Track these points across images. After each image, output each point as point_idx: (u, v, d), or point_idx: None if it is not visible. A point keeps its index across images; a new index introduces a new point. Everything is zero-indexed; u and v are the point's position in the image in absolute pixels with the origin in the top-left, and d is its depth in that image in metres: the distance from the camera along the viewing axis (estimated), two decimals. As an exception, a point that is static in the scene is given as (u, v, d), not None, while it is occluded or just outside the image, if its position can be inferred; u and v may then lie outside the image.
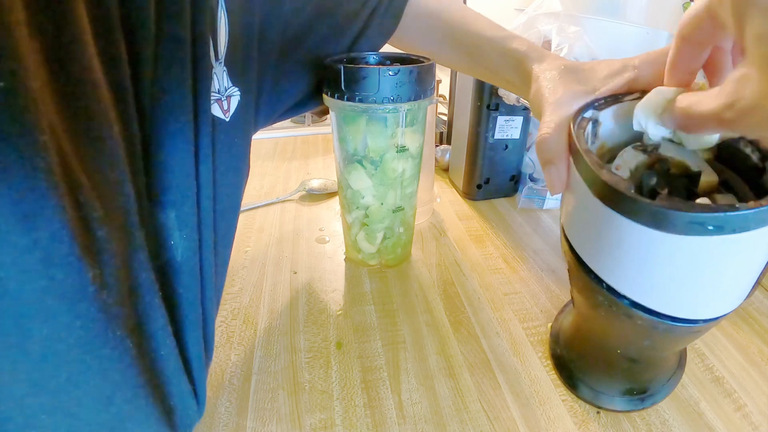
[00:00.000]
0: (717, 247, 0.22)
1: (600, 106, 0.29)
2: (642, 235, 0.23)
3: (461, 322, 0.44)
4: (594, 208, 0.25)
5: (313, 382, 0.38)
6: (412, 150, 0.46)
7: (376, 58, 0.46)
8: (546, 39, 0.59)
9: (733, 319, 0.44)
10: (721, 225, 0.21)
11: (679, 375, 0.36)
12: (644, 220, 0.22)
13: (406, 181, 0.47)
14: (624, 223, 0.23)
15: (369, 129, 0.43)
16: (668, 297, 0.25)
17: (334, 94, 0.41)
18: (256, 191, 0.72)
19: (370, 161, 0.45)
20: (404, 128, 0.43)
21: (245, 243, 0.57)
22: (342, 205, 0.50)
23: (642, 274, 0.25)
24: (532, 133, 0.67)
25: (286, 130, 1.04)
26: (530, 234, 0.60)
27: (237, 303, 0.47)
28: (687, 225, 0.21)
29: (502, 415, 0.35)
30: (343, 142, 0.45)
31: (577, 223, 0.29)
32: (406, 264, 0.53)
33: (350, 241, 0.52)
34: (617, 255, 0.25)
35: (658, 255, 0.23)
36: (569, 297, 0.48)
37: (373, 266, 0.53)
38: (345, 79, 0.40)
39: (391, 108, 0.41)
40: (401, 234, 0.51)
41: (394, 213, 0.48)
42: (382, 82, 0.39)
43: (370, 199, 0.47)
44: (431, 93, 0.44)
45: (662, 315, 0.26)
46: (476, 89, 0.60)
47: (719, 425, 0.34)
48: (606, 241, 0.25)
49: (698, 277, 0.24)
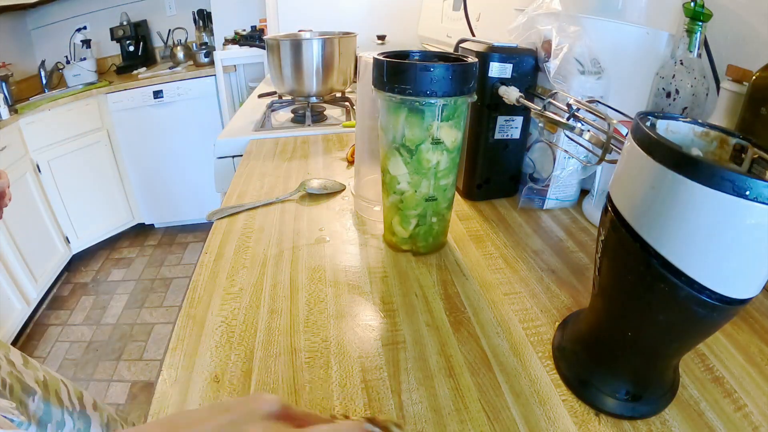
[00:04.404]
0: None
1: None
2: (716, 203, 0.24)
3: (461, 322, 0.44)
4: (663, 179, 0.26)
5: (313, 382, 0.38)
6: (447, 144, 0.48)
7: (423, 56, 0.51)
8: (546, 39, 0.59)
9: (733, 319, 0.44)
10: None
11: (670, 397, 0.36)
12: (724, 187, 0.23)
13: (440, 173, 0.49)
14: (699, 192, 0.24)
15: (407, 120, 0.46)
16: (727, 273, 0.26)
17: (379, 85, 0.46)
18: (256, 191, 0.72)
19: (406, 150, 0.48)
20: (440, 122, 0.46)
21: (245, 243, 0.57)
22: (382, 188, 0.54)
23: (707, 247, 0.26)
24: (532, 133, 0.67)
25: (286, 130, 1.04)
26: (530, 234, 0.60)
27: (237, 303, 0.47)
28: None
29: (502, 415, 0.35)
30: (385, 130, 0.49)
31: (634, 196, 0.29)
32: (406, 264, 0.53)
33: (387, 224, 0.55)
34: (682, 226, 0.26)
35: (731, 225, 0.24)
36: (569, 297, 0.48)
37: (405, 251, 0.55)
38: (388, 72, 0.45)
39: (426, 101, 0.44)
40: (434, 223, 0.53)
41: (426, 202, 0.51)
42: (419, 77, 0.43)
43: (405, 186, 0.50)
44: (469, 91, 0.47)
45: (712, 292, 0.26)
46: (476, 89, 0.60)
47: (719, 425, 0.34)
48: (672, 211, 0.26)
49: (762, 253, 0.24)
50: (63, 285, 2.10)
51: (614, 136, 0.45)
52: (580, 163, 0.58)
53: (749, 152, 0.30)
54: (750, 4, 0.59)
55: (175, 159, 2.35)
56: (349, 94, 1.25)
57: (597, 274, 0.35)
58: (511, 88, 0.58)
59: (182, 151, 2.33)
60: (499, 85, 0.59)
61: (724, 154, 0.32)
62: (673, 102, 0.57)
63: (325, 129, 1.04)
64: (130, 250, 2.37)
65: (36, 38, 2.36)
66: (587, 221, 0.63)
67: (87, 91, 2.05)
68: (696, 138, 0.33)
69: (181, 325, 0.44)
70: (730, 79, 0.52)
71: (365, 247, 0.57)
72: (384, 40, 1.53)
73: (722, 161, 0.32)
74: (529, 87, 0.62)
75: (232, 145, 1.00)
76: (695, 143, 0.33)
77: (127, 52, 2.45)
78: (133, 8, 2.44)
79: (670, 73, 0.57)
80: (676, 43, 0.59)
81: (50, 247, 2.00)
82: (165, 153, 2.32)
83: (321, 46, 1.06)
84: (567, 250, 0.56)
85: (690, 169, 0.24)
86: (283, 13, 1.63)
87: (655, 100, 0.60)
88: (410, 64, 0.44)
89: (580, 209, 0.66)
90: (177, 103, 2.23)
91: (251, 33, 2.26)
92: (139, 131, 2.25)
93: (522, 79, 0.61)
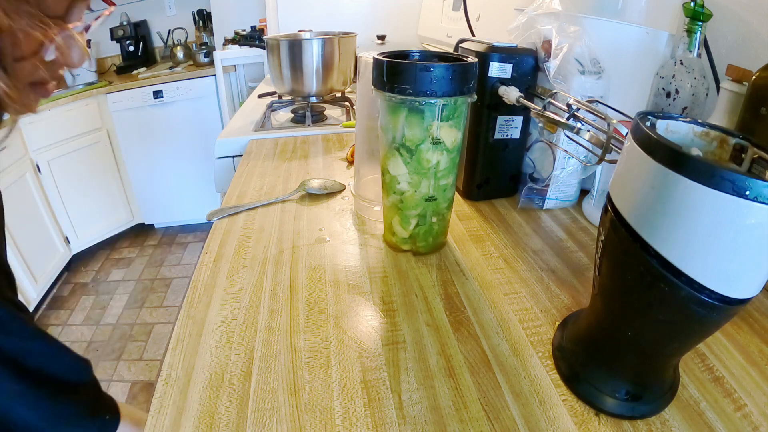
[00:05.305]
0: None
1: None
2: (716, 203, 0.24)
3: (461, 322, 0.44)
4: (663, 179, 0.26)
5: (313, 382, 0.38)
6: (447, 144, 0.48)
7: (423, 56, 0.51)
8: (546, 39, 0.59)
9: (733, 319, 0.44)
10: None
11: (670, 397, 0.36)
12: (724, 187, 0.23)
13: (440, 173, 0.49)
14: (699, 192, 0.24)
15: (407, 120, 0.46)
16: (727, 273, 0.26)
17: (379, 85, 0.46)
18: (256, 191, 0.72)
19: (406, 150, 0.48)
20: (440, 122, 0.46)
21: (245, 243, 0.57)
22: (382, 188, 0.54)
23: (707, 247, 0.26)
24: (532, 133, 0.67)
25: (286, 130, 1.04)
26: (530, 234, 0.60)
27: (237, 303, 0.47)
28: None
29: (502, 415, 0.35)
30: (385, 130, 0.49)
31: (634, 196, 0.29)
32: (406, 264, 0.53)
33: (387, 224, 0.55)
34: (682, 226, 0.26)
35: (731, 225, 0.24)
36: (569, 297, 0.48)
37: (405, 251, 0.55)
38: (387, 72, 0.45)
39: (425, 101, 0.44)
40: (434, 223, 0.53)
41: (426, 202, 0.51)
42: (419, 77, 0.43)
43: (405, 186, 0.50)
44: (469, 91, 0.47)
45: (712, 292, 0.26)
46: (476, 89, 0.60)
47: (719, 425, 0.34)
48: (671, 211, 0.26)
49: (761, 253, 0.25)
50: (63, 285, 2.10)
51: (614, 136, 0.45)
52: (580, 163, 0.58)
53: (749, 152, 0.30)
54: (750, 4, 0.59)
55: (175, 159, 2.35)
56: (349, 94, 1.25)
57: (597, 274, 0.35)
58: (511, 88, 0.58)
59: (182, 151, 2.33)
60: (499, 85, 0.59)
61: (724, 154, 0.32)
62: (673, 102, 0.57)
63: (325, 129, 1.04)
64: (130, 250, 2.37)
65: (36, 38, 2.36)
66: (587, 221, 0.63)
67: (87, 91, 2.05)
68: (696, 138, 0.33)
69: (181, 325, 0.44)
70: (730, 79, 0.52)
71: (365, 247, 0.57)
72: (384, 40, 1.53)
73: (722, 161, 0.32)
74: (529, 87, 0.62)
75: (232, 145, 1.00)
76: (695, 143, 0.33)
77: (127, 52, 2.45)
78: (133, 8, 2.44)
79: (670, 73, 0.57)
80: (676, 43, 0.59)
81: (50, 247, 2.00)
82: (165, 153, 2.32)
83: (321, 46, 1.06)
84: (567, 250, 0.56)
85: (690, 169, 0.24)
86: (283, 13, 1.63)
87: (655, 100, 0.60)
88: (410, 64, 0.44)
89: (580, 209, 0.66)
90: (177, 103, 2.23)
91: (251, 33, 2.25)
92: (139, 131, 2.25)
93: (522, 79, 0.61)
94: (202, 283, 0.50)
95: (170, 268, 2.22)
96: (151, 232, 2.53)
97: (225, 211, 0.65)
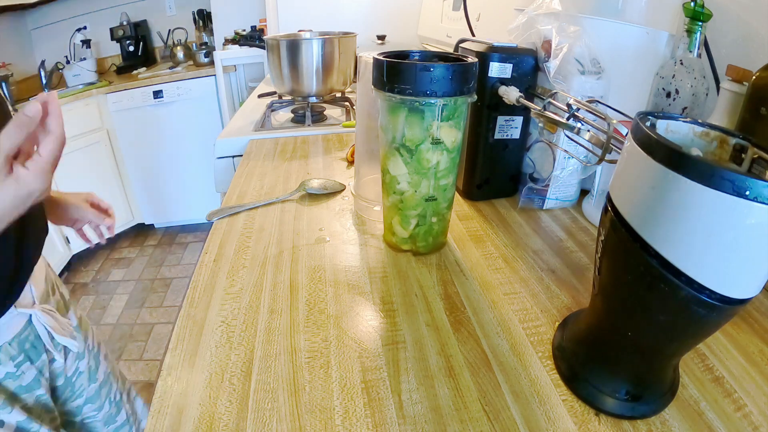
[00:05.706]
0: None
1: None
2: (716, 203, 0.24)
3: (461, 322, 0.44)
4: (663, 179, 0.26)
5: (313, 382, 0.38)
6: (447, 144, 0.48)
7: (423, 56, 0.51)
8: (546, 39, 0.59)
9: (733, 319, 0.44)
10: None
11: (670, 397, 0.36)
12: (724, 187, 0.23)
13: (440, 173, 0.49)
14: (699, 192, 0.24)
15: (407, 120, 0.47)
16: (727, 273, 0.26)
17: (379, 85, 0.45)
18: (256, 191, 0.72)
19: (406, 150, 0.48)
20: (440, 122, 0.46)
21: (245, 243, 0.58)
22: (382, 188, 0.54)
23: (707, 247, 0.26)
24: (532, 133, 0.67)
25: (286, 130, 1.04)
26: (530, 234, 0.60)
27: (237, 303, 0.47)
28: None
29: (502, 415, 0.35)
30: (385, 130, 0.49)
31: (634, 196, 0.29)
32: (406, 264, 0.53)
33: (387, 224, 0.55)
34: (682, 226, 0.26)
35: (731, 225, 0.24)
36: (569, 297, 0.48)
37: (405, 251, 0.55)
38: (387, 72, 0.45)
39: (425, 101, 0.44)
40: (434, 223, 0.53)
41: (426, 202, 0.51)
42: (419, 77, 0.44)
43: (405, 186, 0.50)
44: (469, 91, 0.47)
45: (712, 292, 0.26)
46: (476, 89, 0.60)
47: (719, 425, 0.34)
48: (671, 211, 0.26)
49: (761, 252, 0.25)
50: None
51: (614, 136, 0.45)
52: (580, 163, 0.58)
53: (749, 152, 0.30)
54: (750, 4, 0.59)
55: (175, 159, 2.34)
56: (349, 94, 1.25)
57: (597, 274, 0.35)
58: (511, 88, 0.58)
59: (182, 151, 2.33)
60: (499, 85, 0.59)
61: (724, 154, 0.32)
62: (673, 102, 0.57)
63: (325, 129, 1.04)
64: (130, 250, 2.37)
65: (36, 38, 2.36)
66: (587, 221, 0.63)
67: (87, 91, 2.05)
68: (696, 138, 0.33)
69: (181, 325, 0.44)
70: (730, 79, 0.52)
71: (365, 247, 0.57)
72: (384, 40, 1.53)
73: (722, 161, 0.32)
74: (529, 87, 0.62)
75: (232, 145, 1.00)
76: (695, 143, 0.33)
77: (127, 52, 2.45)
78: (133, 8, 2.44)
79: (670, 73, 0.57)
80: (676, 43, 0.59)
81: (50, 247, 2.00)
82: (165, 153, 2.32)
83: (321, 46, 1.06)
84: (567, 250, 0.56)
85: (690, 169, 0.24)
86: (283, 13, 1.63)
87: (655, 100, 0.60)
88: (410, 64, 0.44)
89: (580, 209, 0.66)
90: (177, 103, 2.23)
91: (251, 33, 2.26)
92: (139, 131, 2.24)
93: (522, 79, 0.61)
94: (202, 283, 0.50)
95: (170, 268, 2.22)
96: (151, 232, 2.53)
97: (225, 211, 0.65)
